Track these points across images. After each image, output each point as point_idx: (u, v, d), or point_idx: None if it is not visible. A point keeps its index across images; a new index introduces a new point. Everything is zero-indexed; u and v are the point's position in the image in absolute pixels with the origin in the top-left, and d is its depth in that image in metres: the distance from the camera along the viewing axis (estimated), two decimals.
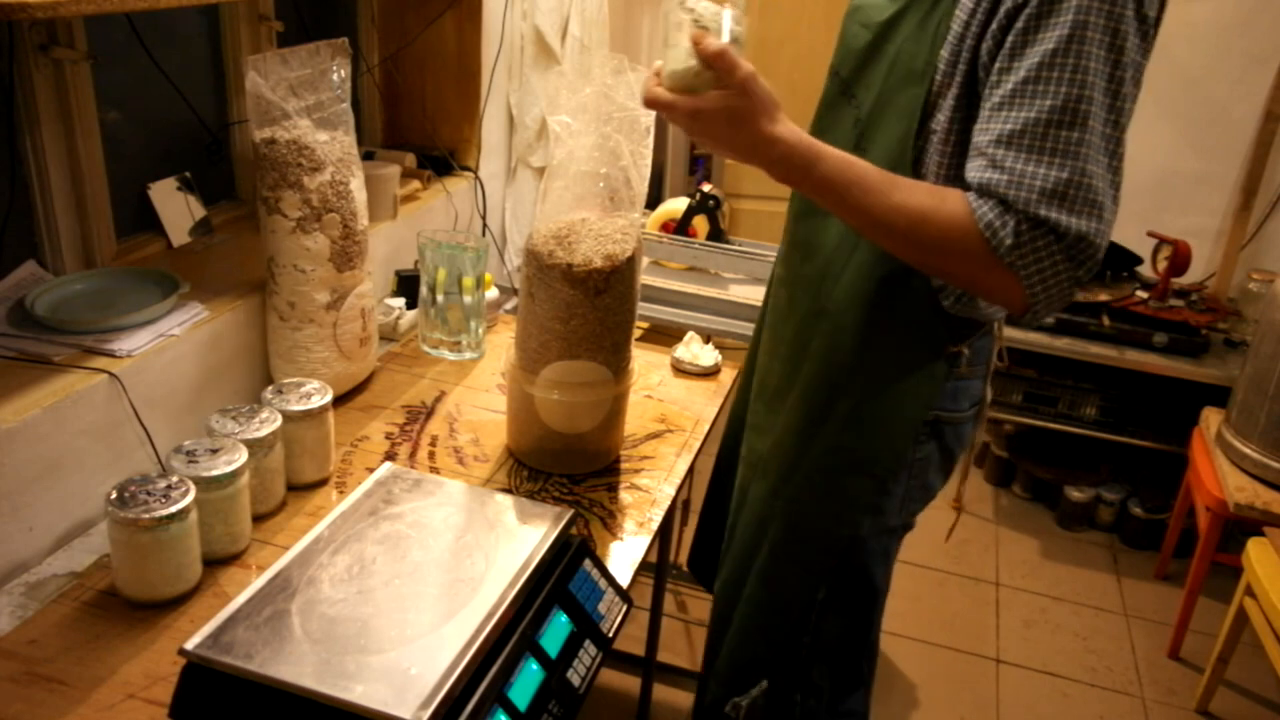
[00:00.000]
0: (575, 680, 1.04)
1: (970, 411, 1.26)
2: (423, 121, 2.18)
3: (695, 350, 1.74)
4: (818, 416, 1.24)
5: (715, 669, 1.43)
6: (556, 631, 1.04)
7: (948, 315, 1.16)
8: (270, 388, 1.29)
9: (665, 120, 1.05)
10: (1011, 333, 2.38)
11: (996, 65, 0.98)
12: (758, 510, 1.34)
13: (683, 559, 2.45)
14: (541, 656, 1.01)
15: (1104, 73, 0.93)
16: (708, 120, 0.99)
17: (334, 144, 1.42)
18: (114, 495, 1.04)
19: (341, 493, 1.30)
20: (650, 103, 1.02)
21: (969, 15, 1.01)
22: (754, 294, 2.10)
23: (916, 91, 1.07)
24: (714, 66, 0.97)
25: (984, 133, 0.98)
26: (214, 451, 1.13)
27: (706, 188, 2.29)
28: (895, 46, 1.11)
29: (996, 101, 0.97)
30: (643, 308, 2.08)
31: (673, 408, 1.62)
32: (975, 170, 0.99)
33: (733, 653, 1.39)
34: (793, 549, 1.30)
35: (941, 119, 1.06)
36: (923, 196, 1.00)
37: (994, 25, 0.98)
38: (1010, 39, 0.96)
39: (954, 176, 1.06)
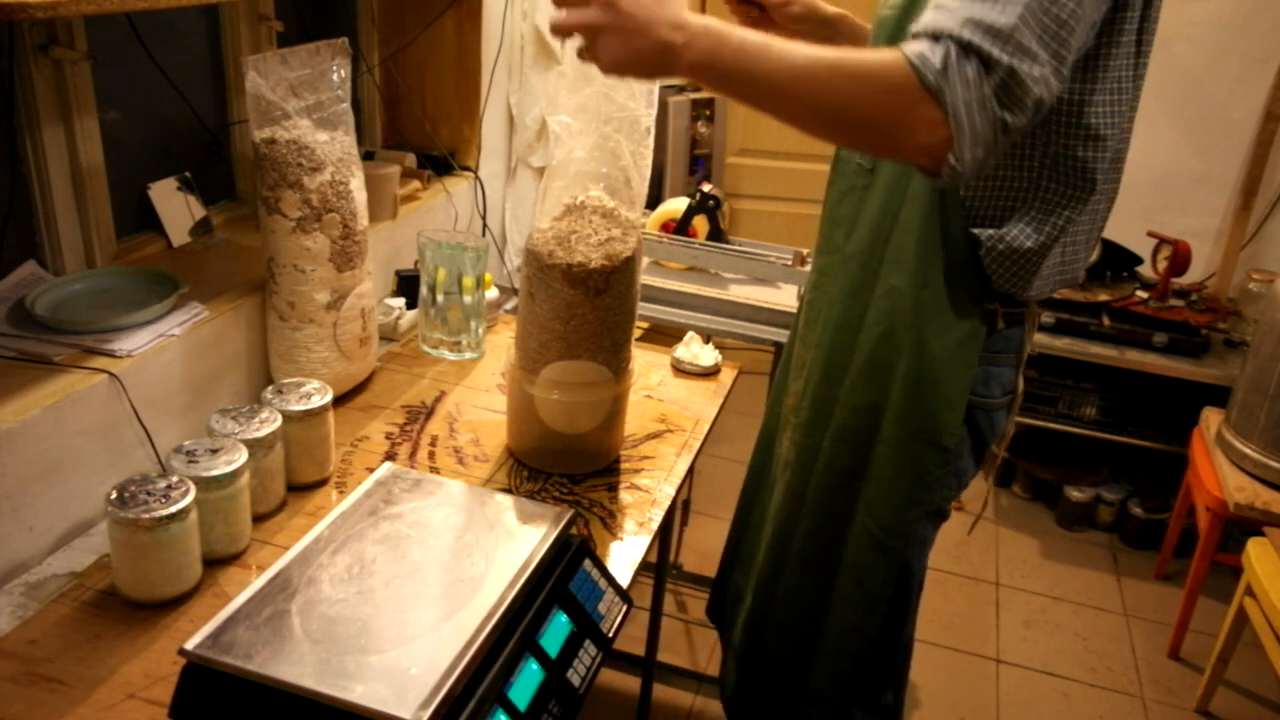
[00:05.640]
0: (575, 680, 1.04)
1: (1002, 399, 1.30)
2: (423, 121, 2.18)
3: (695, 350, 1.74)
4: (883, 383, 1.28)
5: (816, 691, 1.47)
6: (556, 631, 1.04)
7: (982, 270, 1.19)
8: (270, 388, 1.29)
9: (573, 34, 0.99)
10: None
11: None
12: (824, 505, 1.39)
13: (683, 559, 2.45)
14: (541, 656, 1.01)
15: None
16: (629, 2, 0.94)
17: (334, 144, 1.42)
18: (114, 495, 1.04)
19: (341, 493, 1.30)
20: (557, 26, 0.97)
21: None
22: (754, 294, 2.11)
23: None
24: None
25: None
26: (214, 451, 1.13)
27: (706, 188, 2.29)
28: (912, 21, 1.10)
29: None
30: (643, 308, 2.08)
31: (673, 408, 1.62)
32: (915, 27, 0.96)
33: (836, 663, 1.44)
34: (874, 534, 1.34)
35: None
36: (851, 51, 0.96)
37: None
38: None
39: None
